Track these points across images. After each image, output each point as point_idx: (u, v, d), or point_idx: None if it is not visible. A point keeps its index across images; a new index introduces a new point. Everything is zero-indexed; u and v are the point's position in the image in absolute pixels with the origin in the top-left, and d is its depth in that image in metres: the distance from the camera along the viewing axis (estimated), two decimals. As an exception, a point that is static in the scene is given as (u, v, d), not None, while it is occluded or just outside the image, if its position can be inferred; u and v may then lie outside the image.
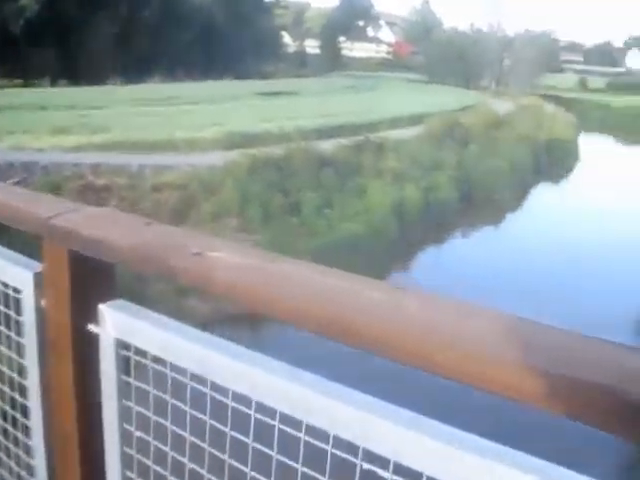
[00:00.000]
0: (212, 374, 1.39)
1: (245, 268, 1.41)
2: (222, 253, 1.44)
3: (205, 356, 1.41)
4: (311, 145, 23.43)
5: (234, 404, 1.37)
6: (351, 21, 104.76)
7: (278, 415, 1.30)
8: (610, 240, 23.51)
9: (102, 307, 1.58)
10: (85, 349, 1.67)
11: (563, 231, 24.78)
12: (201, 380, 1.42)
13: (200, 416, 1.44)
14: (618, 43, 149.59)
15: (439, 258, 21.74)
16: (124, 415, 1.62)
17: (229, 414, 1.39)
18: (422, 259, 21.62)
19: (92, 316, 1.59)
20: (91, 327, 1.61)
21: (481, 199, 27.41)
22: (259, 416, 1.32)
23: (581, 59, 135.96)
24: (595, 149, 48.55)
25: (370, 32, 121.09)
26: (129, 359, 1.58)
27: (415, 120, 36.41)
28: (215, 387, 1.39)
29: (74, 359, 1.72)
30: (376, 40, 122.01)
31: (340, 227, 19.27)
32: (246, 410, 1.34)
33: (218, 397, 1.39)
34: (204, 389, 1.42)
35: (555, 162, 37.29)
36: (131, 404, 1.62)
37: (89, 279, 1.68)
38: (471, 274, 19.24)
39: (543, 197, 31.31)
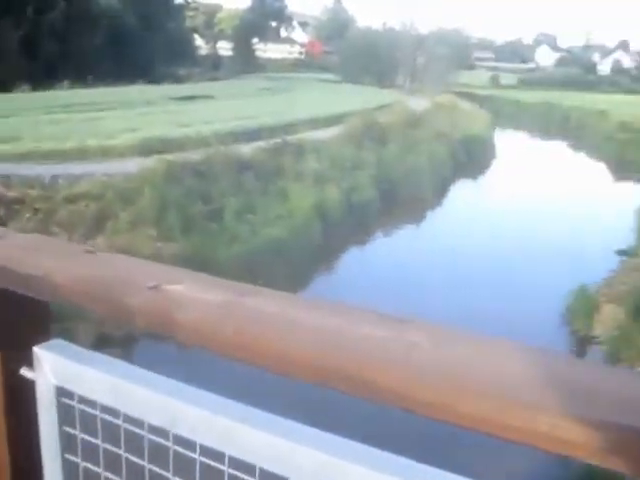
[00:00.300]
0: (175, 424, 1.16)
1: (213, 305, 1.16)
2: (183, 286, 1.21)
3: (165, 404, 1.18)
4: (230, 149, 23.08)
5: (203, 459, 1.15)
6: (264, 22, 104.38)
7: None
8: (527, 235, 23.92)
9: (37, 350, 1.33)
10: (20, 399, 1.41)
11: (482, 228, 25.09)
12: (161, 432, 1.19)
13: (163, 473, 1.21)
14: (528, 40, 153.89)
15: (362, 259, 21.71)
16: (69, 473, 1.37)
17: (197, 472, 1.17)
18: (346, 260, 21.53)
19: (27, 361, 1.34)
20: (25, 373, 1.35)
21: (402, 198, 27.50)
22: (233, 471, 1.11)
23: (492, 56, 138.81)
24: (510, 145, 49.55)
25: (283, 32, 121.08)
26: (72, 408, 1.33)
27: (332, 120, 36.43)
28: (179, 440, 1.17)
29: (7, 410, 1.46)
30: (290, 41, 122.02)
31: (263, 232, 18.97)
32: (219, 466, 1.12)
33: (184, 451, 1.17)
34: (165, 442, 1.19)
35: (473, 159, 37.81)
36: (77, 459, 1.37)
37: (21, 319, 1.42)
38: (394, 274, 19.30)
39: (462, 194, 31.65)
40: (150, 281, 1.22)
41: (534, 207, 28.76)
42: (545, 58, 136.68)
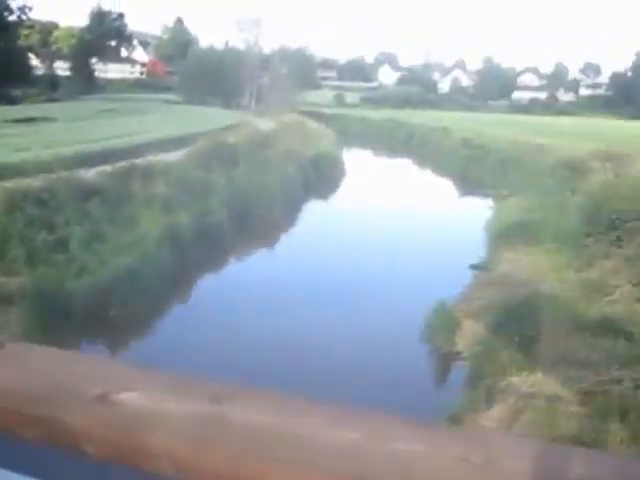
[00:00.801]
0: None
1: (183, 420, 0.83)
2: (138, 393, 0.88)
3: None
4: (74, 174, 21.93)
5: None
6: (103, 41, 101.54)
7: None
8: (382, 255, 24.02)
9: None
10: None
11: (335, 249, 25.00)
12: None
13: None
14: (370, 59, 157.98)
15: (216, 285, 21.04)
16: None
17: None
18: (200, 287, 20.80)
19: None
20: None
21: (254, 220, 27.09)
22: None
23: (336, 75, 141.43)
24: (359, 163, 50.31)
25: (124, 52, 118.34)
26: None
27: (179, 143, 35.71)
28: None
29: None
30: (130, 60, 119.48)
31: (113, 262, 17.97)
32: None
33: None
34: None
35: (323, 178, 37.98)
36: None
37: None
38: (247, 299, 18.82)
39: (314, 215, 31.57)
40: (94, 387, 0.91)
41: (386, 225, 29.05)
42: (387, 77, 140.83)
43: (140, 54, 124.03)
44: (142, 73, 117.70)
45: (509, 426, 10.92)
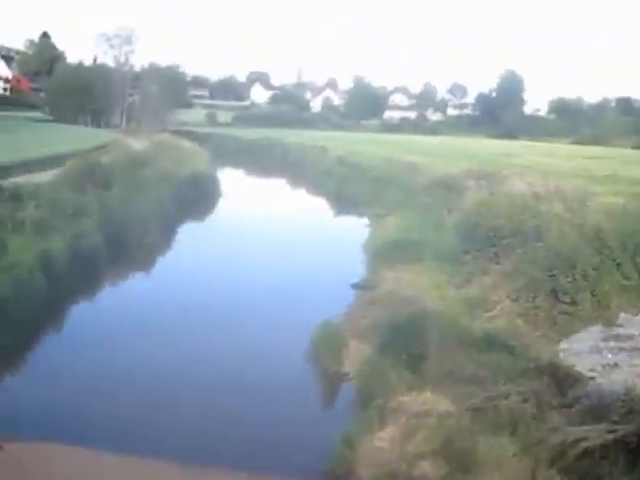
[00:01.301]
0: None
1: None
2: None
3: None
4: None
5: None
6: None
7: None
8: (262, 276, 23.76)
9: None
10: None
11: (214, 271, 24.62)
12: None
13: None
14: (241, 77, 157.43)
15: (90, 312, 20.10)
16: None
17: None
18: (73, 315, 19.81)
19: None
20: None
21: (130, 243, 26.32)
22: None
23: (207, 94, 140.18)
24: (234, 183, 49.76)
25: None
26: None
27: (49, 163, 34.44)
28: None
29: None
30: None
31: (-18, 291, 16.88)
32: None
33: None
34: None
35: (198, 198, 37.40)
36: None
37: None
38: (122, 326, 18.10)
39: (190, 236, 30.94)
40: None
41: (264, 246, 28.78)
42: (259, 95, 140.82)
43: (3, 69, 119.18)
44: (5, 89, 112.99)
45: (403, 445, 10.86)
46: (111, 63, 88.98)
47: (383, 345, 14.56)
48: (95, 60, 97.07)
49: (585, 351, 13.59)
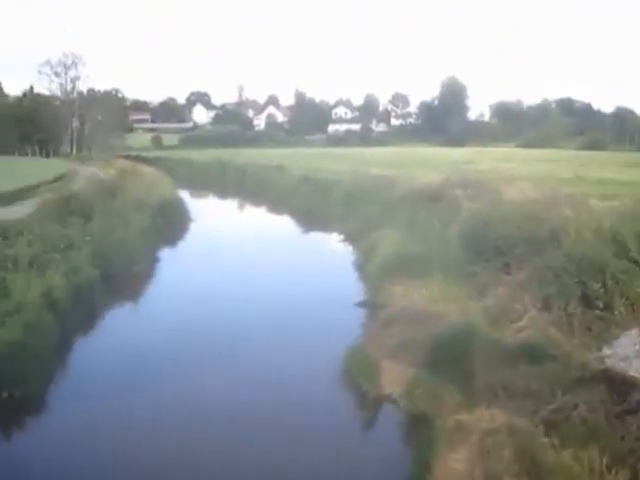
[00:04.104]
0: None
1: None
2: None
3: None
4: None
5: None
6: None
7: None
8: (253, 301, 23.44)
9: None
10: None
11: (206, 299, 24.16)
12: None
13: None
14: (182, 99, 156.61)
15: (93, 348, 19.51)
16: None
17: None
18: (80, 352, 19.23)
19: None
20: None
21: (119, 274, 25.72)
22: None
23: (149, 117, 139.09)
24: (198, 207, 49.10)
25: None
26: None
27: (11, 197, 33.77)
28: None
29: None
30: None
31: (-8, 336, 16.23)
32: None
33: None
34: None
35: (170, 224, 36.99)
36: None
37: None
38: (123, 361, 17.63)
39: (174, 262, 30.48)
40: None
41: (250, 269, 28.48)
42: (202, 116, 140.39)
43: None
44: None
45: (483, 465, 10.75)
46: (56, 91, 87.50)
47: (426, 363, 14.46)
48: (32, 89, 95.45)
49: (632, 355, 13.66)
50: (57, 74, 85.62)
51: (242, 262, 29.86)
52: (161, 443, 12.89)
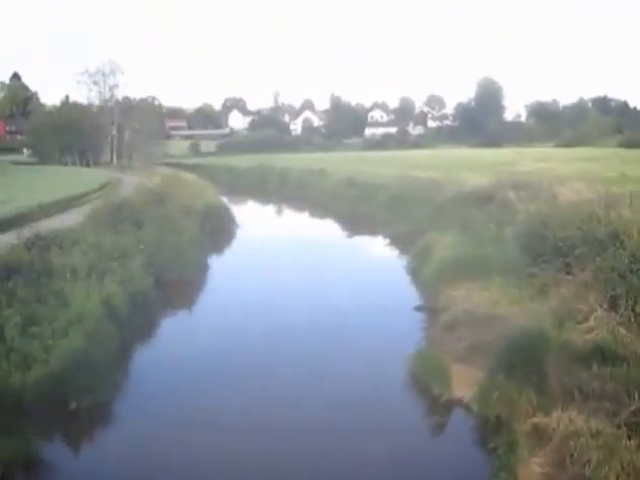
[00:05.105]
0: None
1: None
2: None
3: None
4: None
5: None
6: None
7: None
8: (313, 307, 23.42)
9: None
10: None
11: (260, 304, 24.13)
12: None
13: None
14: (218, 105, 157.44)
15: (155, 357, 19.53)
16: None
17: None
18: (141, 362, 19.20)
19: None
20: None
21: (172, 282, 25.80)
22: None
23: (185, 124, 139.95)
24: (243, 213, 49.20)
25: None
26: None
27: (62, 206, 34.14)
28: None
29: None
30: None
31: (59, 345, 16.32)
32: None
33: None
34: None
35: (217, 231, 37.11)
36: None
37: None
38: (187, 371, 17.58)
39: (224, 270, 30.52)
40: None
41: (302, 275, 28.41)
42: (238, 122, 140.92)
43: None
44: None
45: (569, 469, 10.57)
46: (95, 100, 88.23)
47: (497, 366, 14.28)
48: (68, 98, 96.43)
49: None
50: (95, 82, 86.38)
51: (293, 268, 29.74)
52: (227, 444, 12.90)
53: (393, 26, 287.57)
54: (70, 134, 77.18)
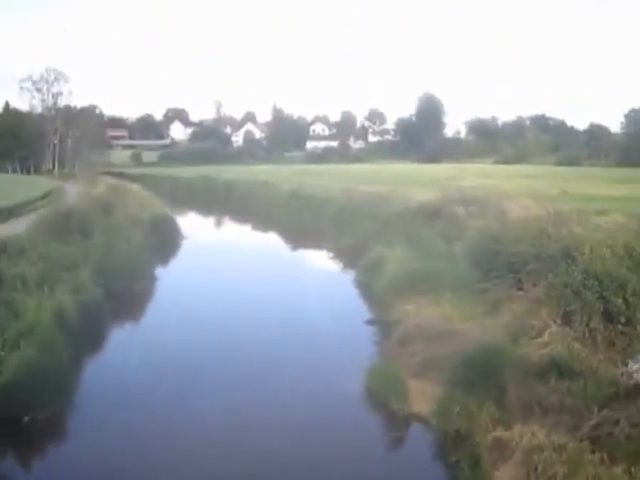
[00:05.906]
0: None
1: None
2: None
3: None
4: None
5: None
6: None
7: None
8: (260, 321, 23.23)
9: None
10: None
11: (212, 315, 23.98)
12: None
13: None
14: (159, 115, 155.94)
15: (103, 367, 19.23)
16: None
17: None
18: (89, 374, 18.86)
19: None
20: None
21: (122, 292, 25.44)
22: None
23: (126, 134, 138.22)
24: (188, 224, 48.74)
25: None
26: None
27: (5, 214, 33.53)
28: None
29: None
30: None
31: (11, 357, 15.92)
32: None
33: None
34: None
35: (164, 241, 36.78)
36: None
37: None
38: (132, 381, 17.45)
39: (173, 280, 30.27)
40: None
41: (249, 287, 28.36)
42: (179, 133, 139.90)
43: None
44: None
45: (532, 483, 10.76)
46: (37, 107, 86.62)
47: (454, 381, 14.47)
48: (8, 104, 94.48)
49: (660, 370, 13.80)
50: (39, 90, 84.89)
51: (240, 281, 29.70)
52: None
53: (334, 39, 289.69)
54: (10, 141, 75.53)
